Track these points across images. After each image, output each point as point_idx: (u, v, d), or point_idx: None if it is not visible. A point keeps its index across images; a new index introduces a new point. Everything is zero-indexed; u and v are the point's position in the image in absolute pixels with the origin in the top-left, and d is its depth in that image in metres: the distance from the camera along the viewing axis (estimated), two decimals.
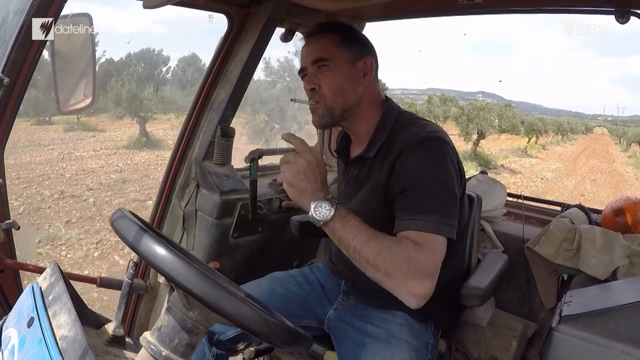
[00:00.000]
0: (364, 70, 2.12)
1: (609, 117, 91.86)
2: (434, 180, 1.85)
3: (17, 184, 14.10)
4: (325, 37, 2.13)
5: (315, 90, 2.09)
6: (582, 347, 1.81)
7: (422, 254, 1.71)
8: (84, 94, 2.16)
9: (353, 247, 1.70)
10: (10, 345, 1.37)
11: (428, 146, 1.90)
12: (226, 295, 1.20)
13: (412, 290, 1.68)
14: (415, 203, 1.82)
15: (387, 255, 1.67)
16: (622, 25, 2.55)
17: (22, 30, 1.96)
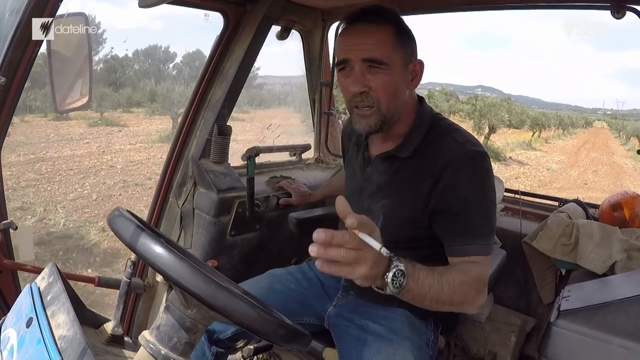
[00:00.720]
0: (412, 74, 1.99)
1: (609, 111, 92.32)
2: (486, 202, 1.90)
3: (73, 175, 14.55)
4: (380, 30, 1.89)
5: (365, 94, 1.91)
6: (581, 342, 1.81)
7: (482, 273, 1.82)
8: (80, 93, 2.15)
9: (430, 299, 1.63)
10: (9, 345, 1.37)
11: (477, 164, 1.89)
12: (224, 293, 1.20)
13: (479, 304, 1.81)
14: (472, 228, 1.87)
15: (461, 290, 1.71)
16: (618, 20, 2.55)
17: (18, 30, 1.96)
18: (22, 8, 1.94)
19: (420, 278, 1.57)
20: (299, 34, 3.65)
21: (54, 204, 11.81)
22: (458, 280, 1.70)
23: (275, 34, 3.38)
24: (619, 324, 1.82)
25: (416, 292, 1.56)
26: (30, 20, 1.95)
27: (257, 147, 3.18)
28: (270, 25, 3.08)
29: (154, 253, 1.21)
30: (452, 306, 1.73)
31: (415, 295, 1.57)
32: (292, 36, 3.52)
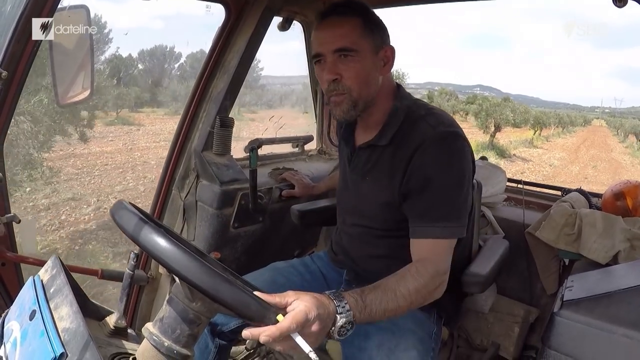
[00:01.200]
0: (384, 59, 2.05)
1: (607, 109, 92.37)
2: (451, 184, 1.91)
3: (111, 170, 15.02)
4: (348, 21, 1.98)
5: (337, 81, 1.99)
6: (584, 332, 1.82)
7: (439, 264, 1.87)
8: (82, 87, 2.15)
9: (387, 316, 1.67)
10: (13, 338, 1.38)
11: (446, 144, 1.92)
12: (228, 286, 1.21)
13: (441, 292, 1.88)
14: (431, 209, 1.91)
15: (418, 296, 1.76)
16: (619, 9, 2.54)
17: (19, 23, 1.95)
18: (24, 1, 1.93)
19: (372, 309, 1.61)
20: (301, 25, 3.64)
21: (105, 194, 12.22)
22: (414, 287, 1.74)
23: (277, 25, 3.37)
24: (622, 314, 1.82)
25: (371, 319, 1.62)
26: (31, 14, 1.94)
27: (260, 138, 3.17)
28: (272, 16, 3.07)
29: (157, 245, 1.21)
30: (414, 308, 1.79)
31: (370, 321, 1.63)
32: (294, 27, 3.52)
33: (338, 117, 2.08)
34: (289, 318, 1.33)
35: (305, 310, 1.37)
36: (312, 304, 1.41)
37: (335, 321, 1.47)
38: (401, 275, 1.77)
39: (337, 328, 1.47)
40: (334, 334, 1.46)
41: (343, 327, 1.49)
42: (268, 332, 1.29)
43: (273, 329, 1.29)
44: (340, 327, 1.47)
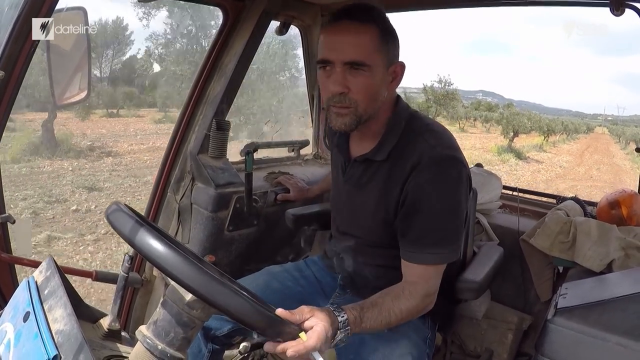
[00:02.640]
0: (393, 75, 1.98)
1: (609, 117, 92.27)
2: (444, 211, 1.91)
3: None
4: (365, 31, 1.86)
5: (344, 95, 1.88)
6: (578, 339, 1.82)
7: (429, 286, 1.93)
8: (79, 88, 2.15)
9: (376, 330, 1.80)
10: (6, 339, 1.37)
11: (443, 169, 1.89)
12: (224, 289, 1.21)
13: (428, 310, 1.96)
14: (422, 235, 1.91)
15: (409, 314, 1.87)
16: (617, 17, 2.55)
17: (17, 24, 1.95)
18: (21, 2, 1.93)
19: (366, 325, 1.72)
20: (299, 30, 3.64)
21: None
22: (406, 307, 1.84)
23: (275, 30, 3.38)
24: (616, 322, 1.82)
25: (362, 332, 1.74)
26: (29, 14, 1.94)
27: (256, 142, 3.18)
28: (270, 20, 3.07)
29: (151, 248, 1.21)
30: (404, 320, 1.88)
31: (361, 332, 1.74)
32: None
33: (337, 128, 1.97)
34: (315, 337, 1.45)
35: (325, 330, 1.50)
36: (328, 322, 1.54)
37: (336, 335, 1.59)
38: (396, 295, 1.85)
39: (336, 341, 1.59)
40: (331, 345, 1.55)
41: (340, 341, 1.61)
42: (295, 349, 1.41)
43: (300, 347, 1.41)
44: (338, 340, 1.59)
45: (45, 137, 17.98)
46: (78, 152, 17.94)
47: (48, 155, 16.70)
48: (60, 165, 15.84)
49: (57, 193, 12.52)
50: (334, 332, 1.57)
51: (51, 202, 11.70)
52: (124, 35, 38.62)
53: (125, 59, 39.24)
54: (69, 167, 15.56)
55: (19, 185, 12.89)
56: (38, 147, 17.29)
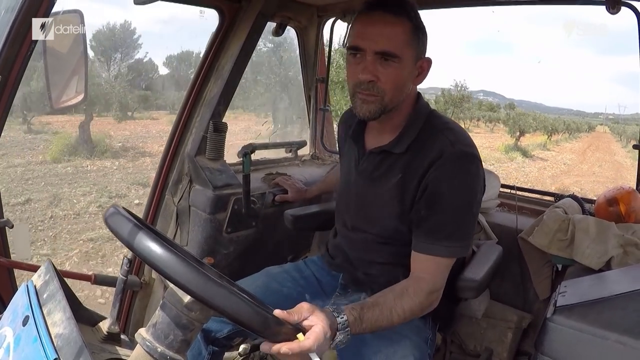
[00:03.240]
0: (419, 70, 2.03)
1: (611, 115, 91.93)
2: (462, 205, 1.92)
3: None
4: (398, 23, 1.91)
5: (373, 83, 1.92)
6: (577, 337, 1.81)
7: (437, 281, 1.93)
8: (75, 91, 2.15)
9: (378, 330, 1.77)
10: (6, 344, 1.37)
11: (463, 165, 1.93)
12: (222, 291, 1.21)
13: (431, 309, 1.94)
14: (438, 227, 1.92)
15: (413, 314, 1.85)
16: (613, 15, 2.55)
17: (13, 27, 1.95)
18: (18, 5, 1.93)
19: (367, 326, 1.70)
20: (295, 31, 3.65)
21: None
22: (409, 307, 1.82)
23: (271, 31, 3.38)
24: (615, 320, 1.82)
25: (362, 333, 1.71)
26: (26, 17, 1.94)
27: (253, 143, 3.18)
28: (266, 21, 3.08)
29: (149, 250, 1.21)
30: (409, 318, 1.86)
31: (361, 333, 1.71)
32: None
33: (362, 115, 2.00)
34: (312, 339, 1.42)
35: (323, 331, 1.47)
36: (327, 323, 1.50)
37: (335, 337, 1.56)
38: (399, 293, 1.83)
39: (335, 342, 1.55)
40: (330, 347, 1.52)
41: (340, 342, 1.58)
42: (290, 347, 1.37)
43: (295, 346, 1.38)
44: (337, 341, 1.56)
45: (82, 138, 18.51)
46: (114, 152, 18.46)
47: (87, 156, 17.27)
48: (102, 164, 16.56)
49: (114, 189, 13.22)
50: (333, 333, 1.55)
51: (113, 197, 12.37)
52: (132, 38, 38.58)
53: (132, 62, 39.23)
54: (112, 166, 16.24)
55: (72, 183, 13.63)
56: (76, 147, 17.79)
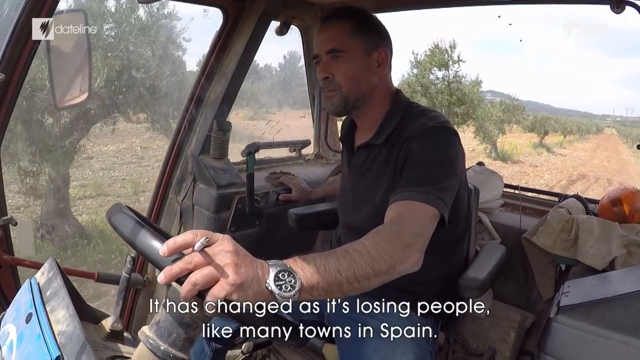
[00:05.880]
0: (378, 61, 2.15)
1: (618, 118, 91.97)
2: (431, 161, 1.93)
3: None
4: (339, 25, 2.13)
5: (328, 80, 2.12)
6: (581, 338, 1.81)
7: (413, 223, 1.74)
8: (80, 90, 2.15)
9: (346, 282, 1.44)
10: (9, 341, 1.38)
11: (432, 133, 1.98)
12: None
13: (415, 260, 1.67)
14: (409, 179, 1.90)
15: (381, 253, 1.55)
16: (617, 15, 2.55)
17: (17, 27, 1.95)
18: (21, 4, 1.93)
19: (318, 267, 1.40)
20: (299, 30, 3.65)
21: None
22: (372, 244, 1.56)
23: (275, 30, 3.38)
24: (618, 320, 1.82)
25: (322, 284, 1.39)
26: (29, 16, 1.94)
27: (257, 143, 3.18)
28: (270, 20, 3.08)
29: (153, 249, 1.21)
30: (382, 275, 1.55)
31: (323, 287, 1.40)
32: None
33: (328, 111, 2.31)
34: (198, 259, 1.21)
35: (232, 260, 1.25)
36: (238, 252, 1.29)
37: (267, 271, 1.31)
38: (365, 238, 1.61)
39: (272, 277, 1.29)
40: (270, 285, 1.28)
41: (278, 276, 1.30)
42: (168, 272, 1.19)
43: (175, 269, 1.20)
44: (274, 275, 1.30)
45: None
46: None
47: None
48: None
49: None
50: (255, 264, 1.31)
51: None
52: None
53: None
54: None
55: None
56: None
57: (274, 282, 1.28)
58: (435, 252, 1.87)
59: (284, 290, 1.28)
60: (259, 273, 1.28)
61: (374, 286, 1.54)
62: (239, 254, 1.26)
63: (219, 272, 1.20)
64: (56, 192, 9.96)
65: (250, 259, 1.30)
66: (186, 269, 1.19)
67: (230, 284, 1.20)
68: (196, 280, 1.18)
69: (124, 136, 16.42)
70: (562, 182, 23.73)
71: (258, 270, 1.28)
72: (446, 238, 2.09)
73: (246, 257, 1.29)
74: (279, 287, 1.28)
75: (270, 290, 1.27)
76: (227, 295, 1.20)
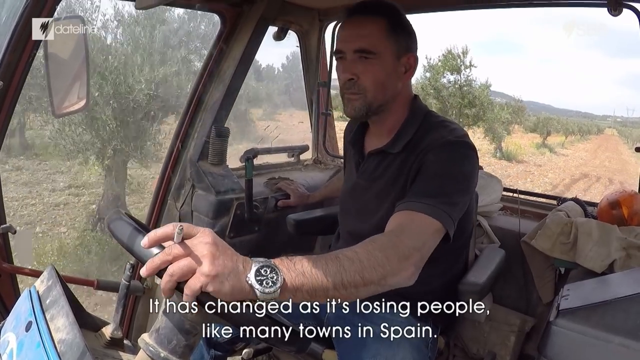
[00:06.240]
0: (406, 66, 2.07)
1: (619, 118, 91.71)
2: (445, 174, 1.88)
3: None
4: (373, 22, 1.99)
5: (352, 81, 2.00)
6: (580, 341, 1.81)
7: (412, 240, 1.65)
8: (77, 97, 2.15)
9: (332, 288, 1.38)
10: (9, 349, 1.38)
11: (450, 148, 1.93)
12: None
13: (408, 274, 1.60)
14: (418, 189, 1.85)
15: (372, 263, 1.48)
16: (615, 17, 2.56)
17: (15, 33, 1.96)
18: (19, 11, 1.94)
19: (305, 268, 1.36)
20: (296, 35, 3.65)
21: None
22: (364, 252, 1.50)
23: (272, 35, 3.39)
24: (618, 323, 1.82)
25: (307, 287, 1.34)
26: (27, 23, 1.95)
27: (255, 148, 3.18)
28: (267, 26, 3.09)
29: (145, 251, 1.21)
30: (372, 286, 1.48)
31: (307, 290, 1.34)
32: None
33: (348, 114, 2.07)
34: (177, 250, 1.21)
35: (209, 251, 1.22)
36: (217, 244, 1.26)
37: (249, 266, 1.27)
38: (359, 246, 1.55)
39: (253, 272, 1.25)
40: (251, 279, 1.24)
41: (260, 271, 1.26)
42: (149, 264, 1.21)
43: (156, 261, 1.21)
44: (256, 270, 1.26)
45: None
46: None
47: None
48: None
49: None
50: (236, 259, 1.27)
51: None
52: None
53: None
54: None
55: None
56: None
57: (254, 276, 1.24)
58: (438, 262, 1.86)
59: (264, 285, 1.24)
60: (239, 267, 1.25)
61: (362, 296, 1.50)
62: (217, 245, 1.24)
63: (197, 263, 1.19)
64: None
65: (230, 252, 1.27)
66: (166, 261, 1.19)
67: (205, 275, 1.18)
68: (173, 272, 1.18)
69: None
70: (565, 180, 24.72)
71: (238, 264, 1.25)
72: (450, 250, 2.08)
73: (226, 249, 1.26)
74: (259, 282, 1.24)
75: (251, 285, 1.24)
76: (203, 287, 1.18)
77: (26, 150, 15.99)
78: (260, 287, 1.23)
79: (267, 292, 1.24)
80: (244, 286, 1.23)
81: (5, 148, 16.02)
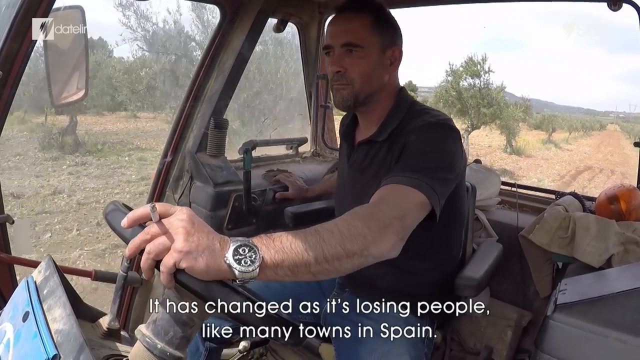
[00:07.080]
0: (391, 59, 2.14)
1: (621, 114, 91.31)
2: (427, 152, 1.90)
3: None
4: (358, 18, 2.09)
5: (340, 74, 2.09)
6: (578, 335, 1.81)
7: (395, 210, 1.63)
8: (77, 87, 2.15)
9: (314, 262, 1.36)
10: (6, 339, 1.37)
11: (432, 127, 1.98)
12: (222, 289, 1.21)
13: (390, 243, 1.57)
14: (401, 166, 1.87)
15: (353, 232, 1.47)
16: (615, 12, 2.55)
17: (14, 24, 1.95)
18: (18, 1, 1.93)
19: (284, 244, 1.33)
20: (296, 27, 3.65)
21: None
22: (344, 223, 1.49)
23: (272, 27, 3.38)
24: (615, 318, 1.82)
25: (287, 262, 1.33)
26: (27, 13, 1.94)
27: (254, 140, 3.17)
28: (267, 17, 3.08)
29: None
30: (355, 257, 1.46)
31: (288, 266, 1.34)
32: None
33: (337, 104, 2.17)
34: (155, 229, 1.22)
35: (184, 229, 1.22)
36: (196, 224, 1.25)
37: (227, 246, 1.25)
38: (340, 218, 1.54)
39: (231, 251, 1.23)
40: (229, 258, 1.23)
41: (237, 250, 1.24)
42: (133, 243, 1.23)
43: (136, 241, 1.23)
44: (234, 250, 1.24)
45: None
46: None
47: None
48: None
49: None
50: (213, 236, 1.25)
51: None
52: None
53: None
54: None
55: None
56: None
57: (232, 256, 1.23)
58: (434, 253, 1.88)
59: (243, 264, 1.23)
60: (216, 245, 1.23)
61: (347, 270, 1.47)
62: (193, 223, 1.23)
63: (171, 240, 1.20)
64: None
65: (207, 230, 1.25)
66: (145, 240, 1.21)
67: (177, 251, 1.18)
68: (150, 250, 1.20)
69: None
70: (572, 172, 27.56)
71: (215, 242, 1.24)
72: (445, 240, 2.09)
73: (202, 227, 1.24)
74: (237, 262, 1.23)
75: (229, 264, 1.23)
76: (177, 263, 1.18)
77: (79, 147, 16.25)
78: (238, 267, 1.23)
79: (246, 271, 1.24)
80: (221, 265, 1.22)
81: (58, 145, 16.42)
